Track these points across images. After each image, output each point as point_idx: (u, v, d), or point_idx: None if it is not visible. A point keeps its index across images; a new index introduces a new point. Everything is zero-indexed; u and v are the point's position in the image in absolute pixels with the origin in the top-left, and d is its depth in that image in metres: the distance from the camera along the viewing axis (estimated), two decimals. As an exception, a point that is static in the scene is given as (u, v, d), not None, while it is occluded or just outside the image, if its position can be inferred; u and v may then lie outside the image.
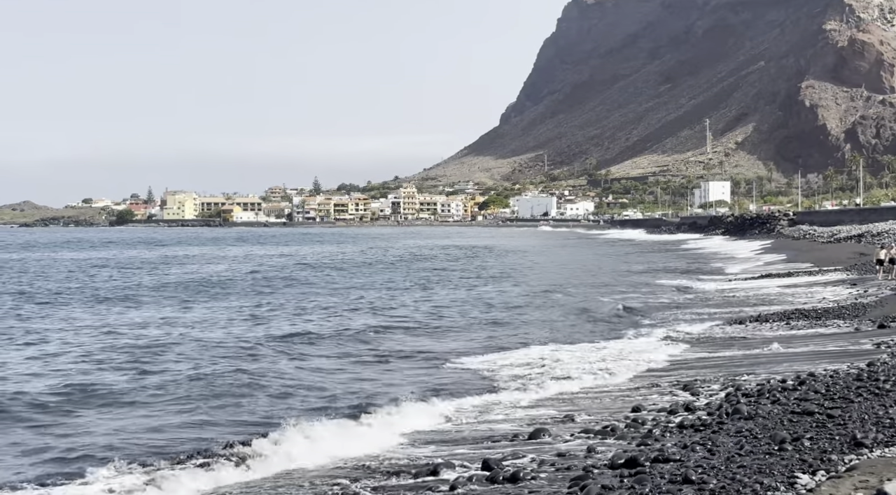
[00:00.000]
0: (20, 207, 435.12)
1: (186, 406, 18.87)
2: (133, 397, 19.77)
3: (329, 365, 24.41)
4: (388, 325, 33.09)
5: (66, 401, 19.20)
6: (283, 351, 26.59)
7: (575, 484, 10.79)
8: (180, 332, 31.31)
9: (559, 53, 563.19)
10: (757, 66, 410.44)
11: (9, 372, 22.92)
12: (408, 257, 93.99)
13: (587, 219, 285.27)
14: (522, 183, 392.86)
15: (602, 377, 20.88)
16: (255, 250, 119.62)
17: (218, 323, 34.59)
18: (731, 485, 10.11)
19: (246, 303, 42.73)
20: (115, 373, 22.61)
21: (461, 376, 22.16)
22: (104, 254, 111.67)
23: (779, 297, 37.43)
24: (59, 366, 23.86)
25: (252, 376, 22.04)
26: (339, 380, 21.85)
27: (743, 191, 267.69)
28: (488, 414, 17.32)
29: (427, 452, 14.14)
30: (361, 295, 47.34)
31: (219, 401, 19.27)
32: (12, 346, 28.09)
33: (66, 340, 29.29)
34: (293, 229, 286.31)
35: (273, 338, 29.31)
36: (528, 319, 35.15)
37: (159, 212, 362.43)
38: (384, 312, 38.19)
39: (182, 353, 26.09)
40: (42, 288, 54.15)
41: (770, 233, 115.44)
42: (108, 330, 32.19)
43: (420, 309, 39.57)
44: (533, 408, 17.60)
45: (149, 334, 30.90)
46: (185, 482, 12.66)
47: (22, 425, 17.28)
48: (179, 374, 22.38)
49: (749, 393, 15.93)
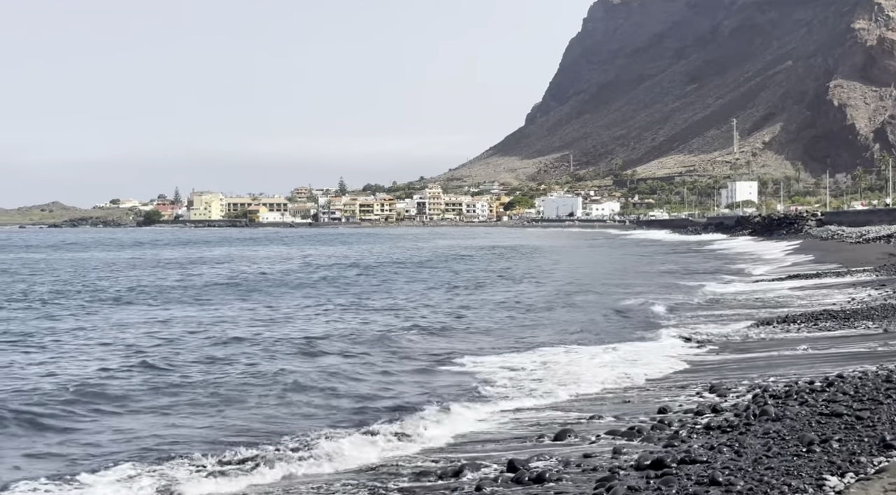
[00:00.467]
0: (49, 208, 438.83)
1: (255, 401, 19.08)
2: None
3: (366, 366, 24.48)
4: (419, 325, 33.19)
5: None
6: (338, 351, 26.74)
7: (601, 485, 10.76)
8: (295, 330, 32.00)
9: (585, 53, 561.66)
10: (784, 65, 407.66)
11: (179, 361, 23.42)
12: (452, 256, 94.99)
13: (613, 219, 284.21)
14: (548, 183, 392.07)
15: (627, 378, 20.81)
16: (307, 250, 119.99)
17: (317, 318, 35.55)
18: (758, 487, 10.05)
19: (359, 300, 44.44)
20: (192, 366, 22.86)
21: (486, 378, 22.12)
22: (161, 252, 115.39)
23: (806, 298, 37.12)
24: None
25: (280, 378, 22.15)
26: (373, 382, 21.91)
27: (770, 192, 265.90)
28: (513, 415, 17.32)
29: (451, 454, 14.15)
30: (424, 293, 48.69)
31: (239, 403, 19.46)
32: (151, 343, 28.64)
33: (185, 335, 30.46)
34: (319, 230, 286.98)
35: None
36: (555, 319, 35.13)
37: (186, 212, 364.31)
38: (433, 311, 38.31)
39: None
40: (126, 286, 55.71)
41: (798, 234, 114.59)
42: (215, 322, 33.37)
43: (449, 308, 39.64)
44: (558, 410, 17.57)
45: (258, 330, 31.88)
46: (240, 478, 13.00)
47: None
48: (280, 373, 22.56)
49: (776, 395, 15.82)
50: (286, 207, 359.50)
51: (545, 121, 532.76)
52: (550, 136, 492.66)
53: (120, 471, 13.56)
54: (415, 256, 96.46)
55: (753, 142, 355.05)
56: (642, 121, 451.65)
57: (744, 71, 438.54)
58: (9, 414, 17.69)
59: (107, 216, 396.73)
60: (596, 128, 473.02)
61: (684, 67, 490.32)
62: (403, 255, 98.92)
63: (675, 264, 73.97)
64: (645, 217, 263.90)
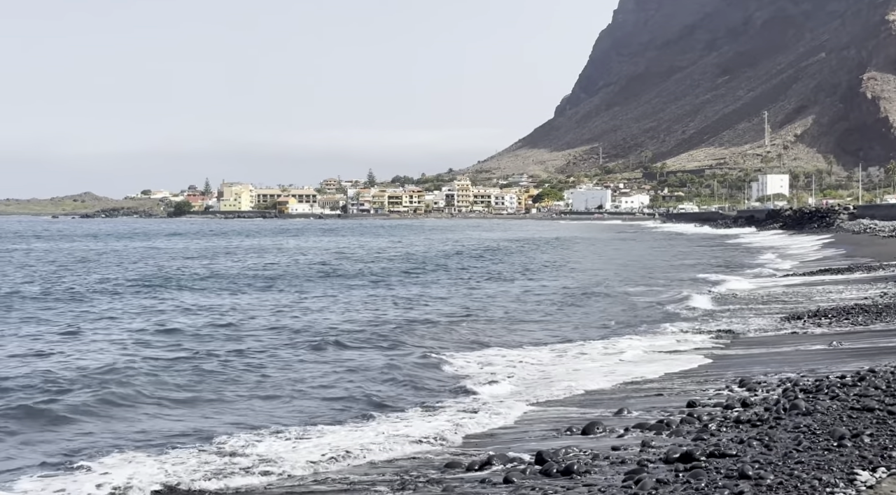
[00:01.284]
0: (81, 198, 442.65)
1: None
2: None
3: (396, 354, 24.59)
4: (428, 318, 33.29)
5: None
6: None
7: (629, 478, 10.73)
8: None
9: (615, 45, 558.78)
10: (817, 57, 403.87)
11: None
12: (497, 248, 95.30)
13: (642, 212, 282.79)
14: (577, 176, 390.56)
15: (652, 372, 20.78)
16: (365, 240, 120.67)
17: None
18: (788, 481, 10.00)
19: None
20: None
21: (512, 370, 22.14)
22: (215, 241, 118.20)
23: (837, 292, 36.78)
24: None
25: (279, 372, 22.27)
26: (398, 371, 22.00)
27: (802, 185, 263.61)
28: (541, 407, 17.34)
29: (480, 445, 14.17)
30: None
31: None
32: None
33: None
34: (348, 221, 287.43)
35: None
36: (580, 313, 35.14)
37: (216, 203, 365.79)
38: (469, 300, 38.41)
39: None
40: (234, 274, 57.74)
41: (829, 227, 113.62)
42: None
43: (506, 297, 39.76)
44: (584, 404, 17.57)
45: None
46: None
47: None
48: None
49: (807, 389, 15.72)
50: (315, 199, 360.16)
51: (575, 113, 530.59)
52: (580, 129, 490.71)
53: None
54: (469, 247, 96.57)
55: (785, 135, 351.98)
56: (672, 113, 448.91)
57: (776, 63, 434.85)
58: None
59: (138, 206, 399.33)
60: (626, 120, 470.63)
61: (716, 59, 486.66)
62: (453, 247, 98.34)
63: (705, 258, 73.60)
64: (674, 210, 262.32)
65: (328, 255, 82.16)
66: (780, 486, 9.86)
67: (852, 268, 48.75)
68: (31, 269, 63.07)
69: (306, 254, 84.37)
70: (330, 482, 12.41)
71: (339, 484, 12.24)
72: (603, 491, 10.31)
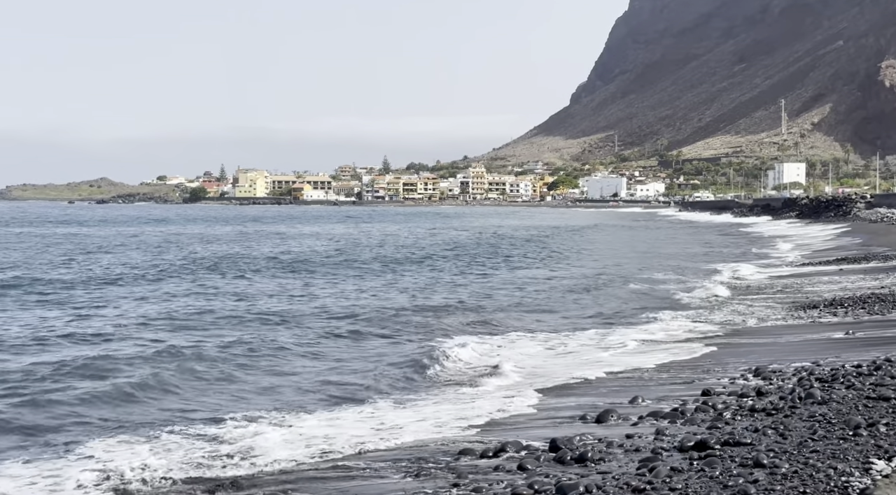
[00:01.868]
0: (97, 184, 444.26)
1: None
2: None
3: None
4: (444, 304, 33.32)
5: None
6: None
7: (643, 466, 10.71)
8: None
9: (631, 33, 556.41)
10: (835, 45, 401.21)
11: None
12: (529, 236, 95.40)
13: (657, 200, 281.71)
14: (592, 163, 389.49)
15: (663, 360, 20.76)
16: (390, 228, 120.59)
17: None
18: (803, 470, 9.97)
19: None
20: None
21: (525, 360, 22.15)
22: (244, 227, 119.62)
23: (852, 282, 36.57)
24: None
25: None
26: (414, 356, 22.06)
27: (818, 173, 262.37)
28: (556, 395, 17.33)
29: (495, 433, 14.17)
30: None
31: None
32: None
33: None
34: (363, 208, 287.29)
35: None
36: (588, 302, 35.14)
37: (231, 189, 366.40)
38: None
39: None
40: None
41: (846, 217, 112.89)
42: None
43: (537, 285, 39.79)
44: (598, 393, 17.56)
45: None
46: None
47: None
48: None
49: (823, 378, 15.66)
50: (330, 185, 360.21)
51: (590, 100, 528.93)
52: (595, 116, 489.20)
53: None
54: (496, 235, 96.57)
55: (802, 124, 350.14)
56: (688, 101, 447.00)
57: (793, 51, 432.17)
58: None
59: (153, 192, 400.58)
60: (641, 108, 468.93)
61: (732, 47, 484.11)
62: (478, 235, 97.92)
63: (717, 247, 73.34)
64: (690, 198, 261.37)
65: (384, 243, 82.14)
66: (795, 475, 9.84)
67: (868, 258, 48.47)
68: (130, 254, 64.60)
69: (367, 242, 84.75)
70: (342, 468, 12.45)
71: (351, 471, 12.27)
72: (617, 479, 10.30)
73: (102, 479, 12.22)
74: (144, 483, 12.09)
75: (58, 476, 12.50)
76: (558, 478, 10.50)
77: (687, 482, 9.93)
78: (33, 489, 12.05)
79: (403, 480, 11.46)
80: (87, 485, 12.05)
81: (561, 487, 10.04)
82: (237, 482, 12.01)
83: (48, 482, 12.28)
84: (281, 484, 11.73)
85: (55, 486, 12.08)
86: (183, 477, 12.30)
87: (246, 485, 11.85)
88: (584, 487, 9.96)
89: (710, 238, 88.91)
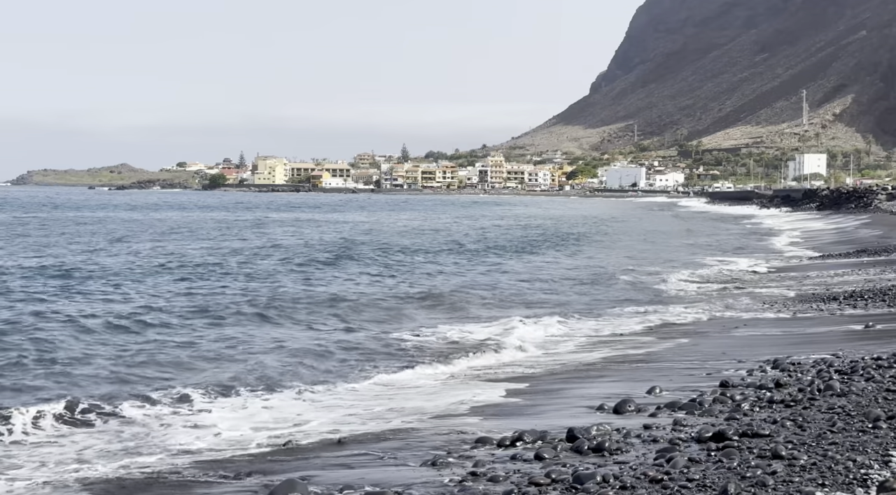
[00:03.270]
0: (117, 170, 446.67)
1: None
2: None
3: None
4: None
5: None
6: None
7: (661, 456, 10.70)
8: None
9: (652, 22, 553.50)
10: (858, 35, 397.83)
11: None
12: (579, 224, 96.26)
13: (676, 190, 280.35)
14: (611, 153, 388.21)
15: (677, 350, 20.70)
16: (443, 218, 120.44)
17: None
18: (822, 462, 9.95)
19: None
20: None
21: (550, 346, 22.14)
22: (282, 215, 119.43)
23: (872, 276, 36.34)
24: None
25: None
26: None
27: (839, 165, 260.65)
28: (573, 383, 17.33)
29: (513, 422, 14.17)
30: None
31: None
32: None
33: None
34: (382, 196, 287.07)
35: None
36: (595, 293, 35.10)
37: (250, 176, 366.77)
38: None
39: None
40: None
41: (867, 208, 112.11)
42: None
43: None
44: (614, 382, 17.54)
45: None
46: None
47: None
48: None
49: (842, 370, 15.59)
50: (349, 173, 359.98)
51: (610, 90, 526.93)
52: (615, 106, 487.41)
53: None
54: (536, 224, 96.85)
55: (823, 114, 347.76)
56: (709, 91, 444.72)
57: (815, 41, 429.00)
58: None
59: (173, 179, 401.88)
60: (661, 98, 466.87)
61: (754, 37, 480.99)
62: (512, 224, 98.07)
63: (733, 240, 73.05)
64: (709, 188, 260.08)
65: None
66: (814, 467, 9.81)
67: (889, 250, 48.14)
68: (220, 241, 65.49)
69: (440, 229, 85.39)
70: (352, 444, 12.50)
71: (363, 457, 12.31)
72: (634, 469, 10.29)
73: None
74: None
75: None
76: (575, 468, 10.50)
77: (704, 473, 9.91)
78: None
79: (420, 468, 11.48)
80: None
81: (578, 476, 10.04)
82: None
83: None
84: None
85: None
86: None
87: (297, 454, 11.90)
88: (601, 477, 9.95)
89: (729, 227, 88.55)
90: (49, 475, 11.83)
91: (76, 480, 11.55)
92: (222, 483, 11.35)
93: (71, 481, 11.51)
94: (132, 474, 11.80)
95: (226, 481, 11.41)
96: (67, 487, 11.27)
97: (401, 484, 10.62)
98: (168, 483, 11.41)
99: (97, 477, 11.69)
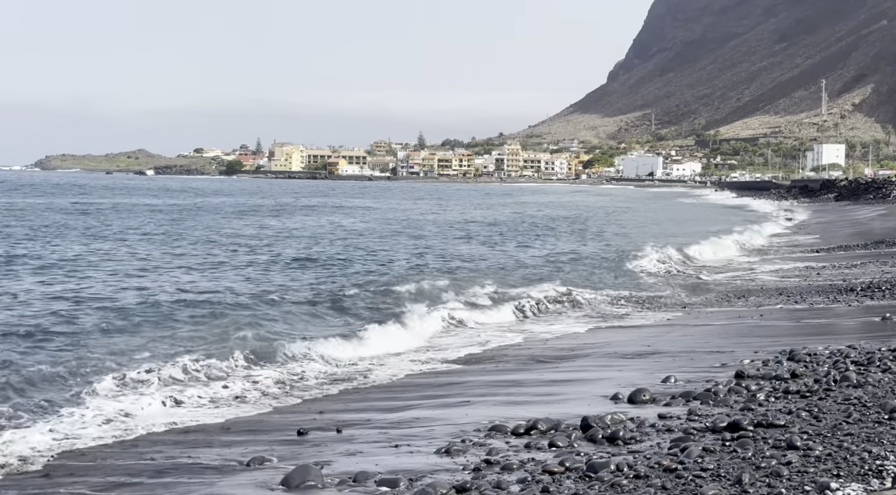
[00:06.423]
0: (135, 155, 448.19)
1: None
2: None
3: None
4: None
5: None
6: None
7: (675, 446, 10.69)
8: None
9: (671, 10, 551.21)
10: (878, 24, 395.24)
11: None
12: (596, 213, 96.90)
13: (693, 180, 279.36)
14: (628, 142, 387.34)
15: (693, 341, 20.66)
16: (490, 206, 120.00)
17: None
18: (837, 453, 9.92)
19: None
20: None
21: (561, 337, 22.14)
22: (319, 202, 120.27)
23: (889, 267, 36.14)
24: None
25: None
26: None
27: (858, 155, 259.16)
28: (584, 373, 17.35)
29: (526, 410, 14.18)
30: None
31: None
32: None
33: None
34: (398, 183, 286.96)
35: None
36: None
37: (267, 163, 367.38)
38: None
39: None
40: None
41: (885, 199, 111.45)
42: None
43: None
44: (628, 368, 17.52)
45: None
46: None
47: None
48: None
49: (858, 361, 15.53)
50: (365, 160, 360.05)
51: (628, 78, 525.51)
52: (632, 95, 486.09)
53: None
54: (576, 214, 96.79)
55: (842, 104, 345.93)
56: (727, 80, 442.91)
57: (835, 30, 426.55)
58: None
59: (190, 164, 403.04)
60: (679, 87, 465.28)
61: (773, 26, 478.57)
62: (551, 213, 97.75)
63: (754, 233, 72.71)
64: (726, 178, 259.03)
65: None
66: (829, 457, 9.79)
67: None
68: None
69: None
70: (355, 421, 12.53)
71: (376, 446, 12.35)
72: (648, 459, 10.28)
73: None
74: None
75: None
76: (589, 457, 10.50)
77: (719, 462, 9.90)
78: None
79: (434, 456, 11.50)
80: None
81: (592, 465, 10.04)
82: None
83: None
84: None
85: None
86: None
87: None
88: (615, 465, 9.96)
89: (746, 215, 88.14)
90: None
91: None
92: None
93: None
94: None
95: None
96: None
97: (416, 470, 10.67)
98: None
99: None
